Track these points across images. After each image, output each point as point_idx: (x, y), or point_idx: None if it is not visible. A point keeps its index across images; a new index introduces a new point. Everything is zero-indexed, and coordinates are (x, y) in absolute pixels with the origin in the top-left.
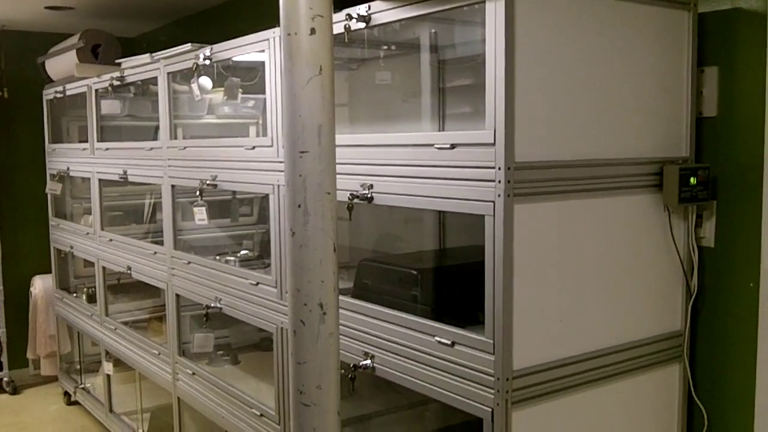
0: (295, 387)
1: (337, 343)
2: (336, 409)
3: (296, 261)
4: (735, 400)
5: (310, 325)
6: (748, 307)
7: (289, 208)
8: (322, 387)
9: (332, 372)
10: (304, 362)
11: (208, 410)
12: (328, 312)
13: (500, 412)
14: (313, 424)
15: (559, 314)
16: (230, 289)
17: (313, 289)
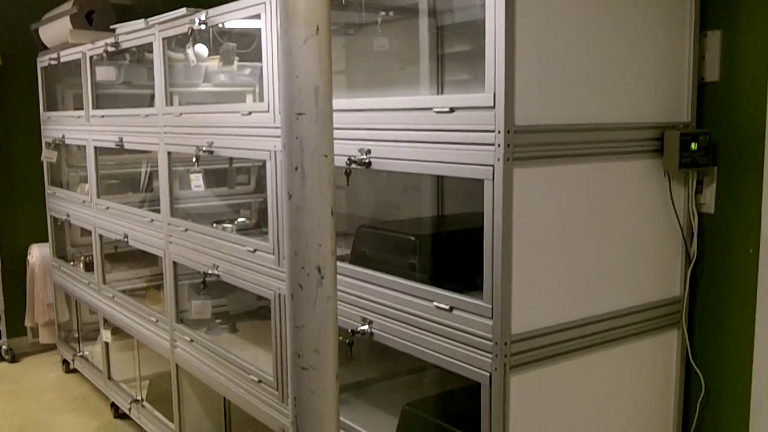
0: (294, 351)
1: (335, 307)
2: (334, 372)
3: (294, 224)
4: (733, 366)
5: (308, 289)
6: (748, 274)
7: (286, 170)
8: (320, 351)
9: (330, 336)
10: (302, 326)
11: (207, 377)
12: (326, 276)
13: (498, 377)
14: (311, 387)
15: (558, 279)
16: (228, 256)
17: (311, 252)
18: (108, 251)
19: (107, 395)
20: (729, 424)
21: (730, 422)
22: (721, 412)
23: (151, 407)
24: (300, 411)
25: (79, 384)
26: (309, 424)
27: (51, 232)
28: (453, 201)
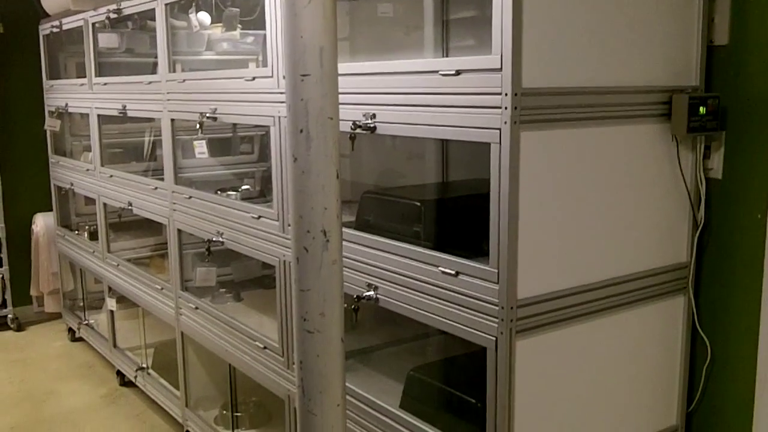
0: (299, 314)
1: (340, 270)
2: (340, 336)
3: (299, 187)
4: (739, 332)
5: (314, 253)
6: (755, 239)
7: (290, 133)
8: (325, 314)
9: (336, 299)
10: (307, 289)
11: (212, 344)
12: (332, 239)
13: (504, 341)
14: (317, 351)
15: (565, 244)
16: (232, 223)
17: (316, 216)
18: (112, 220)
19: (113, 363)
20: (734, 390)
21: (735, 388)
22: (727, 378)
23: (156, 375)
24: (306, 374)
25: (84, 352)
26: (315, 388)
27: (55, 201)
28: (458, 168)
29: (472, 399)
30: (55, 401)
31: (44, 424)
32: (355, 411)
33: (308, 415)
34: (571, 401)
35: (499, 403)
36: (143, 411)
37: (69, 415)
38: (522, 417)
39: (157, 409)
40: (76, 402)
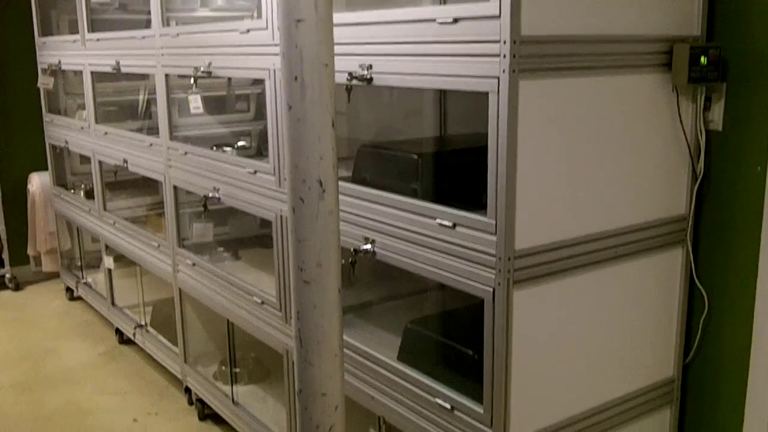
0: (296, 265)
1: (337, 221)
2: (337, 286)
3: (294, 136)
4: (736, 285)
5: (310, 203)
6: (754, 192)
7: (285, 81)
8: (322, 264)
9: (332, 250)
10: (303, 240)
11: (209, 300)
12: (328, 189)
13: (501, 292)
14: (314, 301)
15: (563, 195)
16: (228, 179)
17: (312, 165)
18: (108, 180)
19: (111, 321)
20: (731, 342)
21: (732, 340)
22: (724, 329)
23: (155, 332)
24: (303, 325)
25: (83, 311)
26: (312, 338)
27: (50, 160)
28: (456, 123)
29: (469, 351)
30: (55, 359)
31: (44, 382)
32: (353, 364)
33: (306, 366)
34: (568, 352)
35: (496, 354)
36: (142, 368)
37: (68, 372)
38: (519, 368)
39: (156, 366)
40: (75, 360)
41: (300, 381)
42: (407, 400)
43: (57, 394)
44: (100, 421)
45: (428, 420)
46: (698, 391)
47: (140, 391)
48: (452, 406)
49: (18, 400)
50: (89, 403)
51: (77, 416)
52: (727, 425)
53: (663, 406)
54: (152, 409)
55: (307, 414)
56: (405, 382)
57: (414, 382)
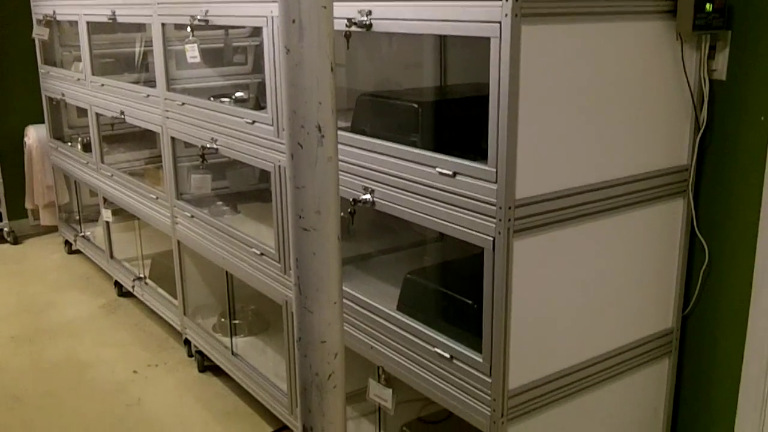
0: (294, 212)
1: (335, 168)
2: (336, 234)
3: (292, 81)
4: (737, 236)
5: (308, 149)
6: (758, 142)
7: (283, 24)
8: (321, 212)
9: (331, 197)
10: (302, 186)
11: (208, 252)
12: (327, 135)
13: (501, 242)
14: (313, 249)
15: (564, 143)
16: (226, 129)
17: (310, 110)
18: (105, 133)
19: (110, 274)
20: (731, 294)
21: (732, 291)
22: (724, 281)
23: (154, 284)
24: (302, 273)
25: (82, 264)
26: (311, 286)
27: (47, 112)
28: (456, 73)
29: (468, 300)
30: (54, 312)
31: (44, 334)
32: (352, 314)
33: (305, 313)
34: (567, 302)
35: (495, 303)
36: (142, 320)
37: (68, 325)
38: (518, 317)
39: (155, 318)
40: (75, 312)
41: (299, 329)
42: (406, 349)
43: (57, 347)
44: (100, 372)
45: (427, 369)
46: (697, 342)
47: (140, 344)
48: (451, 355)
49: (18, 351)
50: (89, 355)
51: (77, 368)
52: (725, 376)
53: (662, 357)
54: (152, 361)
55: (307, 361)
56: (404, 331)
57: (413, 332)
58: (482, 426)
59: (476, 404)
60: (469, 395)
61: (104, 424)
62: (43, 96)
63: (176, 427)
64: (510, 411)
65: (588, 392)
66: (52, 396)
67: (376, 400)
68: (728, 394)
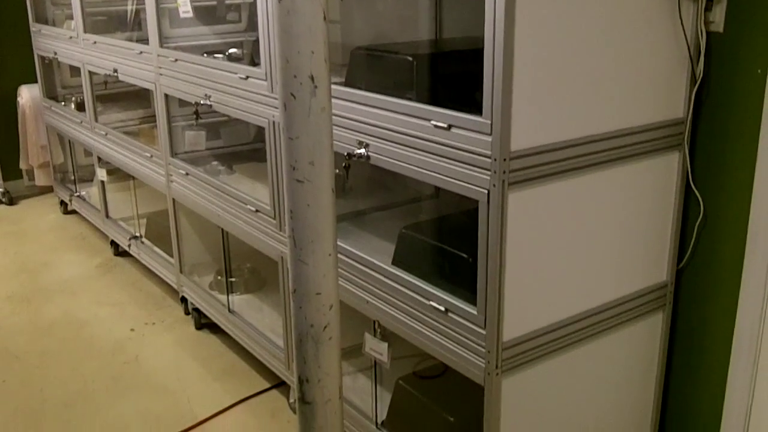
0: (288, 163)
1: (329, 119)
2: (330, 186)
3: (284, 29)
4: (732, 190)
5: (301, 99)
6: (754, 95)
7: None
8: (315, 163)
9: (325, 148)
10: (296, 137)
11: (204, 209)
12: (320, 85)
13: (496, 194)
14: (307, 200)
15: (559, 95)
16: (220, 85)
17: (303, 60)
18: (99, 92)
19: (106, 234)
20: (725, 247)
21: (726, 245)
22: (718, 235)
23: (150, 243)
24: (296, 224)
25: (77, 224)
26: (306, 238)
27: (39, 71)
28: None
29: (463, 254)
30: (51, 271)
31: (41, 293)
32: (348, 269)
33: (300, 265)
34: (562, 255)
35: (490, 256)
36: (138, 279)
37: (65, 284)
38: (513, 269)
39: (152, 277)
40: (71, 272)
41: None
42: (402, 303)
43: (54, 306)
44: (98, 331)
45: (422, 323)
46: (691, 296)
47: (137, 302)
48: (446, 308)
49: (16, 311)
50: (86, 314)
51: (75, 326)
52: (718, 330)
53: (655, 311)
54: (149, 319)
55: (302, 313)
56: (399, 285)
57: (408, 286)
58: (477, 378)
59: (471, 356)
60: (463, 347)
61: (102, 381)
62: (36, 55)
63: (174, 383)
64: (504, 363)
65: (582, 345)
66: (50, 354)
67: (372, 354)
68: (722, 347)
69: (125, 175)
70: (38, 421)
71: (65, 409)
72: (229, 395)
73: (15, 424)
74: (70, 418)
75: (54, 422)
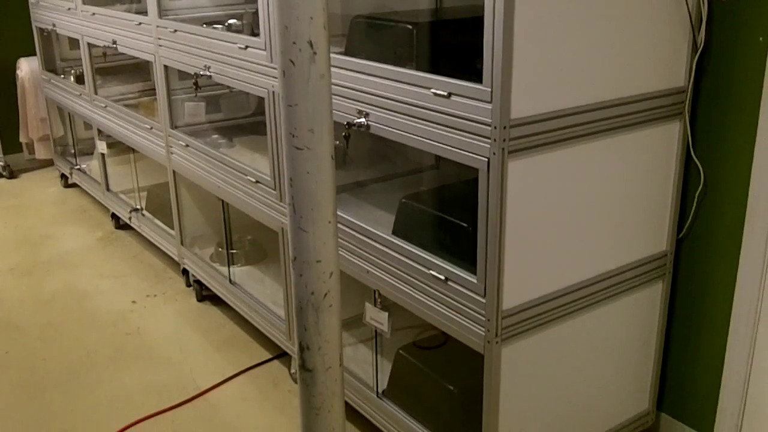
0: (287, 131)
1: (328, 85)
2: (330, 153)
3: None
4: (733, 159)
5: (300, 66)
6: (756, 63)
7: None
8: (314, 130)
9: (325, 115)
10: (295, 104)
11: (204, 180)
12: (319, 52)
13: (496, 162)
14: (307, 168)
15: (560, 62)
16: (219, 56)
17: (302, 26)
18: (98, 65)
19: (107, 207)
20: (725, 217)
21: (726, 215)
22: (719, 204)
23: (151, 216)
24: (296, 192)
25: (78, 198)
26: (306, 205)
27: (38, 44)
28: None
29: (463, 223)
30: (52, 244)
31: (42, 266)
32: (348, 239)
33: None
34: (562, 224)
35: (490, 224)
36: (140, 252)
37: (66, 257)
38: (513, 238)
39: (153, 249)
40: (72, 245)
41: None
42: (402, 273)
43: (56, 278)
44: (100, 303)
45: (423, 292)
46: (691, 265)
47: (138, 275)
48: (446, 277)
49: (18, 284)
50: (88, 287)
51: (77, 299)
52: (717, 299)
53: (655, 280)
54: (150, 291)
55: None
56: (399, 255)
57: (408, 255)
58: (477, 346)
59: (471, 325)
60: (463, 316)
61: (104, 353)
62: (34, 27)
63: (176, 354)
64: (504, 331)
65: (582, 314)
66: (52, 326)
67: (373, 324)
68: (721, 316)
69: (125, 148)
70: (41, 392)
71: (68, 379)
72: (231, 366)
73: (18, 394)
74: (73, 389)
75: (57, 393)
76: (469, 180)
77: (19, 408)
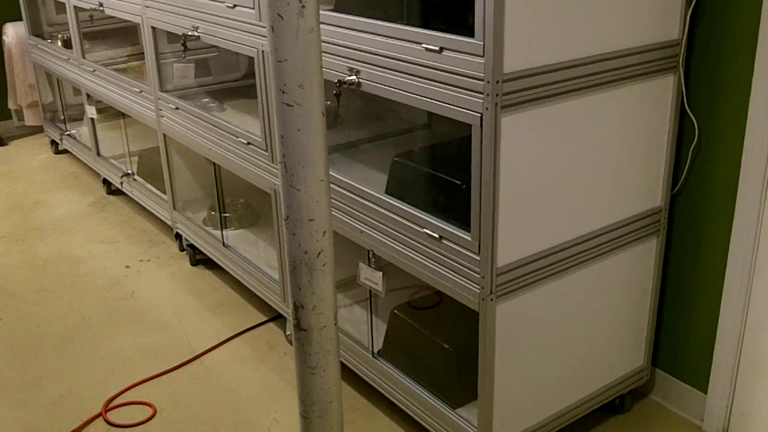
0: (277, 87)
1: (318, 40)
2: (320, 109)
3: None
4: (727, 113)
5: (289, 20)
6: (750, 16)
7: None
8: (304, 86)
9: (314, 71)
10: (284, 60)
11: (195, 143)
12: (307, 5)
13: (489, 117)
14: (298, 125)
15: (553, 15)
16: (207, 16)
17: None
18: (85, 29)
19: (98, 172)
20: (719, 173)
21: (720, 170)
22: (713, 159)
23: (142, 180)
24: (287, 150)
25: (69, 164)
26: (297, 163)
27: (24, 8)
28: None
29: (457, 181)
30: (44, 210)
31: (35, 232)
32: (341, 199)
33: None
34: (556, 180)
35: (484, 181)
36: (132, 217)
37: (58, 222)
38: (507, 194)
39: (145, 214)
40: (64, 210)
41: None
42: (395, 232)
43: (49, 244)
44: (93, 268)
45: (416, 250)
46: (685, 220)
47: (131, 239)
48: (440, 235)
49: (10, 249)
50: (81, 252)
51: (70, 264)
52: (712, 254)
53: (650, 236)
54: (144, 256)
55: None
56: (393, 214)
57: (402, 214)
58: (471, 304)
59: (465, 282)
60: (458, 274)
61: (99, 317)
62: None
63: (170, 318)
64: (498, 288)
65: (576, 270)
66: (46, 291)
67: (367, 284)
68: (715, 271)
69: (116, 113)
70: (37, 357)
71: (63, 344)
72: (227, 329)
73: (14, 360)
74: (69, 353)
75: (53, 357)
76: (462, 138)
77: (15, 373)
